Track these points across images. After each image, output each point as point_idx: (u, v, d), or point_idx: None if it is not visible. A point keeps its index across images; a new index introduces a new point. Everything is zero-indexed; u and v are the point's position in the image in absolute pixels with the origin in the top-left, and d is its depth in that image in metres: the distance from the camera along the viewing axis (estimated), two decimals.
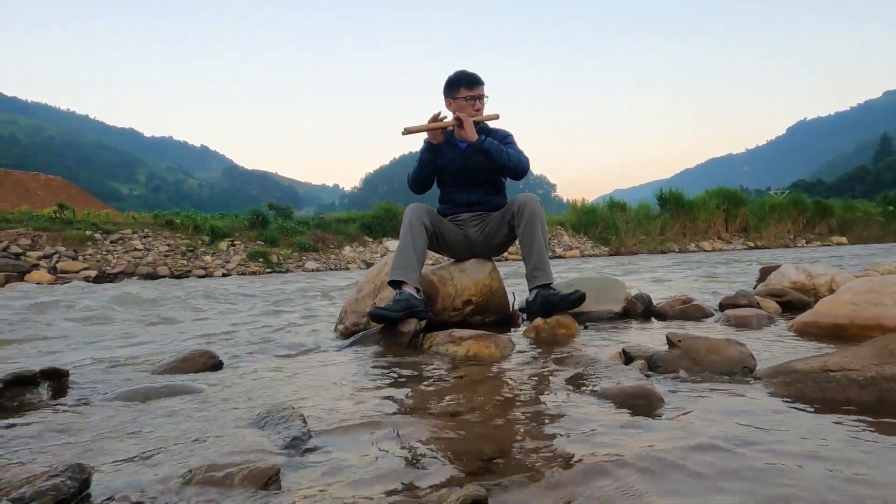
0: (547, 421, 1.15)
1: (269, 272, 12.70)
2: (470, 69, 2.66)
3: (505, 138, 2.67)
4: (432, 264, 2.88)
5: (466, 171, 2.65)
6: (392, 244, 15.55)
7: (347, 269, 13.64)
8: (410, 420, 1.20)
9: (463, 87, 2.58)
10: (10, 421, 1.29)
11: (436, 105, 2.68)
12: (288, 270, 13.07)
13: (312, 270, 13.10)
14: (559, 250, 16.93)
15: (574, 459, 0.93)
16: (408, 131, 2.43)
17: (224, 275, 12.10)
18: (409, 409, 1.29)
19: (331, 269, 13.43)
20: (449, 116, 2.56)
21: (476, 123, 2.55)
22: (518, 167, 2.58)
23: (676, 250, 18.30)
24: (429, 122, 2.46)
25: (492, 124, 2.68)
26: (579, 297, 2.34)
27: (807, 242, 20.76)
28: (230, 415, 1.28)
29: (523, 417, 1.18)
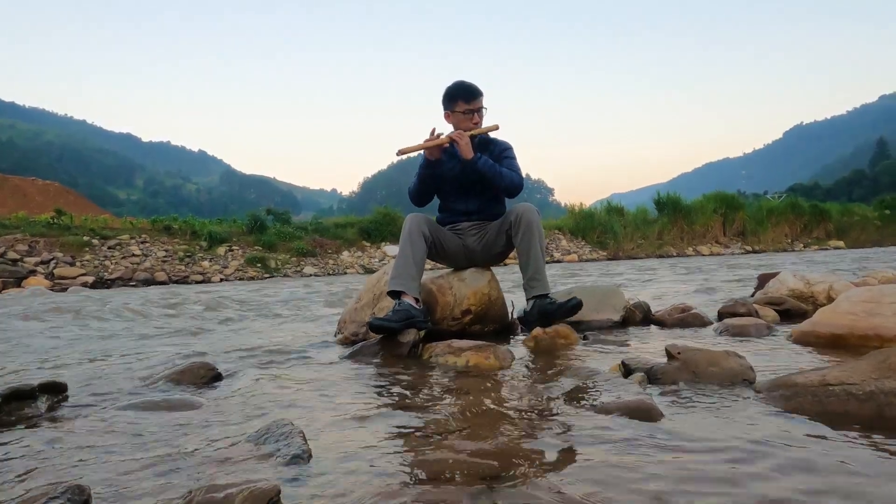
0: (547, 437, 1.15)
1: (268, 277, 12.68)
2: (468, 74, 2.72)
3: (504, 151, 2.67)
4: (430, 269, 2.87)
5: (465, 180, 2.65)
6: (390, 249, 15.55)
7: (346, 273, 13.63)
8: (411, 436, 1.19)
9: (461, 100, 2.58)
10: (9, 437, 1.29)
11: (435, 110, 2.67)
12: (286, 275, 13.05)
13: (311, 275, 13.08)
14: (557, 255, 16.94)
15: (575, 479, 0.93)
16: (402, 152, 2.42)
17: (222, 280, 12.08)
18: (410, 425, 1.28)
19: (329, 275, 13.42)
20: (448, 129, 2.56)
21: (474, 136, 2.55)
22: (510, 187, 2.59)
23: (674, 254, 18.32)
24: (424, 141, 2.47)
25: (492, 134, 2.69)
26: (576, 305, 2.34)
27: (804, 246, 20.80)
28: (230, 431, 1.27)
29: (523, 433, 1.18)
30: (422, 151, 2.54)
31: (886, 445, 1.03)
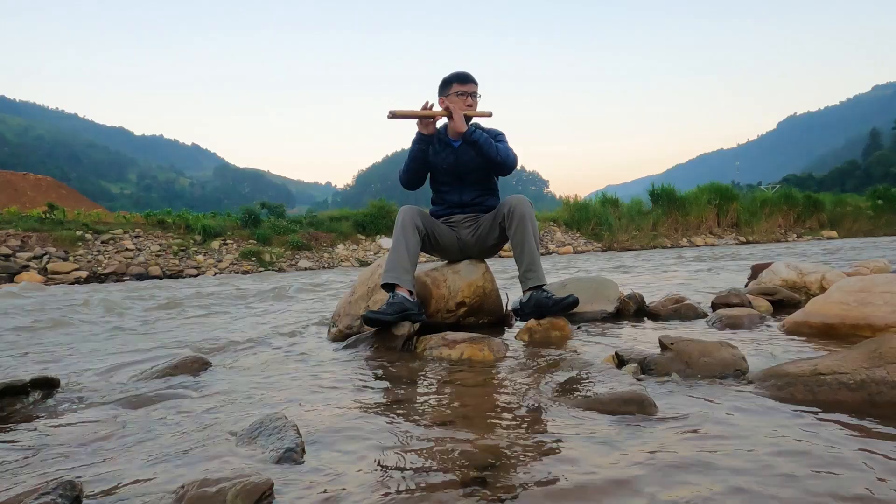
0: (541, 429, 1.15)
1: (262, 271, 12.65)
2: (464, 67, 2.67)
3: (497, 136, 2.67)
4: (424, 261, 2.87)
5: (459, 169, 2.64)
6: (385, 242, 15.53)
7: (341, 266, 13.61)
8: (405, 429, 1.19)
9: (455, 83, 2.58)
10: (0, 432, 1.28)
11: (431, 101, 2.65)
12: (281, 269, 13.02)
13: (305, 269, 13.06)
14: (552, 246, 16.97)
15: (568, 470, 0.93)
16: (393, 115, 2.37)
17: (216, 274, 12.04)
18: (404, 417, 1.28)
19: (324, 268, 13.40)
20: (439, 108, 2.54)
21: (468, 119, 2.54)
22: (506, 162, 2.58)
23: (669, 246, 18.38)
24: (419, 109, 2.45)
25: (484, 124, 2.68)
26: (572, 302, 2.34)
27: (797, 237, 20.92)
28: (223, 425, 1.27)
29: (517, 425, 1.18)
30: (416, 128, 2.52)
31: (877, 435, 1.04)
